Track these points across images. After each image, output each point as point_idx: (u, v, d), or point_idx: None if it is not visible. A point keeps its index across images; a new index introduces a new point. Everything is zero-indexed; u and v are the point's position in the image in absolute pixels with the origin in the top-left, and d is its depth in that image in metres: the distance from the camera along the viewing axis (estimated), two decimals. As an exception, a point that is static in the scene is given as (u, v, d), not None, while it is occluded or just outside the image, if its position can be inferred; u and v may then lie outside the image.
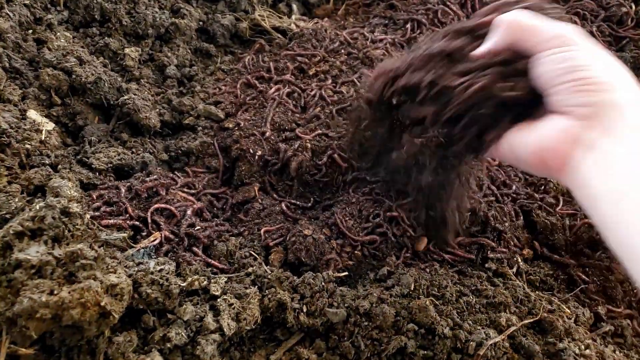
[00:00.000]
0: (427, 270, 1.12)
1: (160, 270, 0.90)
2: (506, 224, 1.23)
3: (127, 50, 1.44)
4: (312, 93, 1.43)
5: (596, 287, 1.14)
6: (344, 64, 1.52)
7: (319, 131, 1.34)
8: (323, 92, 1.42)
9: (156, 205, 1.09)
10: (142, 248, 0.98)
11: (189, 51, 1.55)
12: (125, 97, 1.29)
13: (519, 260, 1.19)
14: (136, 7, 1.52)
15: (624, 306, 1.11)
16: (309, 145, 1.29)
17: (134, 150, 1.25)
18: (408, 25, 1.59)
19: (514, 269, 1.16)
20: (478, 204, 1.22)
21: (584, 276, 1.15)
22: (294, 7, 1.71)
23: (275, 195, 1.26)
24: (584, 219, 1.23)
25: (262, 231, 1.14)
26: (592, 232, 1.20)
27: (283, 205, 1.22)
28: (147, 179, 1.15)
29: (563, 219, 1.25)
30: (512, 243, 1.21)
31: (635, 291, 1.13)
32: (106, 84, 1.29)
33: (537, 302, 1.06)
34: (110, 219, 1.03)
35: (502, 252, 1.18)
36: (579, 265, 1.18)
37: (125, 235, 0.98)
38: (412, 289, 1.02)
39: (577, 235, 1.21)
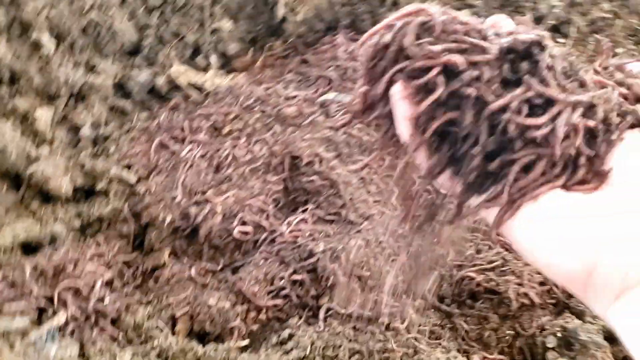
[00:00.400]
0: (326, 329, 1.21)
1: (62, 359, 0.94)
2: (398, 277, 1.34)
3: (38, 112, 1.45)
4: (225, 153, 1.49)
5: (475, 335, 1.26)
6: (257, 122, 1.58)
7: (231, 193, 1.40)
8: (236, 152, 1.49)
9: (63, 284, 1.12)
10: (46, 332, 1.02)
11: (105, 109, 1.58)
12: (34, 166, 1.31)
13: (411, 312, 1.30)
14: (48, 66, 1.53)
15: (496, 352, 1.23)
16: (219, 209, 1.35)
17: (43, 220, 1.28)
18: (319, 82, 1.67)
19: (406, 322, 1.27)
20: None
21: (465, 325, 1.28)
22: (213, 60, 1.76)
23: (185, 260, 1.32)
24: (468, 269, 1.35)
25: (170, 301, 1.20)
26: (472, 284, 1.32)
27: (192, 270, 1.28)
28: (55, 254, 1.18)
29: (451, 269, 1.36)
30: (403, 296, 1.32)
31: (507, 337, 1.26)
32: (13, 154, 1.30)
33: (424, 356, 1.17)
34: (13, 302, 1.05)
35: (394, 306, 1.29)
36: (461, 314, 1.30)
37: (27, 320, 1.01)
38: (308, 352, 1.10)
39: (461, 287, 1.33)
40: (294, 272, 1.28)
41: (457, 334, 1.28)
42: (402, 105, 0.57)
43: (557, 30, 1.84)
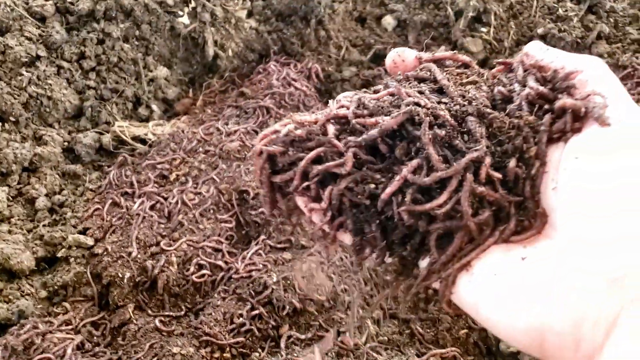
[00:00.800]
0: (289, 356, 1.28)
1: None
2: (354, 294, 1.41)
3: (-7, 193, 1.53)
4: (174, 200, 1.56)
5: (430, 337, 1.34)
6: (202, 163, 1.65)
7: (184, 239, 1.47)
8: (184, 197, 1.56)
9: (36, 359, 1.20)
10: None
11: (57, 176, 1.65)
12: (-7, 249, 1.38)
13: (369, 324, 1.38)
14: (-4, 146, 1.60)
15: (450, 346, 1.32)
16: (174, 259, 1.42)
17: (10, 298, 1.35)
18: (257, 112, 1.74)
19: (364, 336, 1.35)
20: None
21: (420, 329, 1.35)
22: (154, 107, 1.83)
23: (149, 312, 1.39)
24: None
25: (139, 355, 1.27)
26: (426, 290, 1.39)
27: (157, 321, 1.35)
28: (22, 331, 1.26)
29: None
30: (360, 310, 1.39)
31: (461, 335, 1.34)
32: (-28, 241, 1.38)
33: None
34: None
35: (351, 322, 1.36)
36: (417, 318, 1.38)
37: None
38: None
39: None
40: (252, 307, 1.35)
41: (415, 338, 1.36)
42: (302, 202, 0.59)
43: (479, 20, 1.90)
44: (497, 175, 0.51)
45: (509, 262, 0.51)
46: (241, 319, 1.33)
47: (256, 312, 1.34)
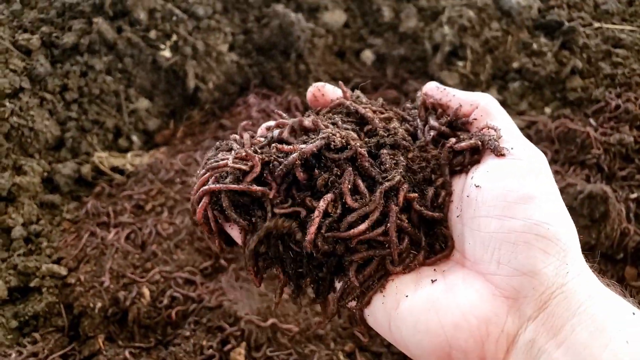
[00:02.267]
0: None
1: None
2: (327, 327, 1.40)
3: (-31, 223, 1.53)
4: (149, 230, 1.57)
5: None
6: (178, 194, 1.67)
7: (157, 270, 1.47)
8: (159, 228, 1.57)
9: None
10: None
11: (35, 206, 1.66)
12: (-35, 279, 1.38)
13: (341, 357, 1.37)
14: (-25, 176, 1.62)
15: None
16: (146, 291, 1.42)
17: (-21, 329, 1.35)
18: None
19: (336, 369, 1.33)
20: None
21: (392, 363, 1.34)
22: (134, 138, 1.85)
23: (120, 343, 1.38)
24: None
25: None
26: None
27: (127, 352, 1.35)
28: (-12, 362, 1.25)
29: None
30: (332, 343, 1.38)
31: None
32: (-56, 271, 1.38)
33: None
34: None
35: (326, 354, 1.35)
36: (389, 352, 1.37)
37: None
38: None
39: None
40: (222, 339, 1.35)
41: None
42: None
43: (455, 55, 1.94)
44: (418, 207, 0.55)
45: (419, 284, 0.54)
46: (211, 350, 1.33)
47: (228, 346, 1.33)
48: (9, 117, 1.73)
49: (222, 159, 0.61)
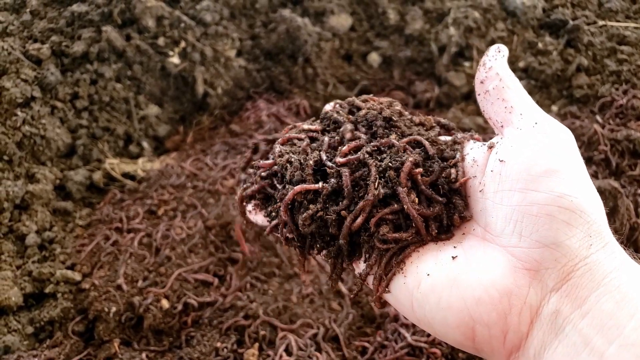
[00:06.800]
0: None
1: None
2: (340, 327, 1.41)
3: (-16, 231, 1.55)
4: (161, 235, 1.58)
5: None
6: (190, 198, 1.68)
7: (171, 273, 1.48)
8: (172, 232, 1.58)
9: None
10: None
11: (48, 213, 1.68)
12: (-19, 285, 1.40)
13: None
14: (-11, 184, 1.63)
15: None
16: (165, 302, 1.43)
17: (-4, 334, 1.36)
18: (245, 149, 1.77)
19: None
20: None
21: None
22: (145, 145, 1.87)
23: (135, 346, 1.39)
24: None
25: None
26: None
27: (143, 355, 1.35)
28: (6, 367, 1.26)
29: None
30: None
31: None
32: (-39, 277, 1.39)
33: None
34: None
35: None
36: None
37: None
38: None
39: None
40: (237, 340, 1.35)
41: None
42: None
43: (462, 55, 1.95)
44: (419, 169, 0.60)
45: (440, 262, 0.54)
46: (225, 351, 1.33)
47: (242, 344, 1.34)
48: (20, 126, 1.75)
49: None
